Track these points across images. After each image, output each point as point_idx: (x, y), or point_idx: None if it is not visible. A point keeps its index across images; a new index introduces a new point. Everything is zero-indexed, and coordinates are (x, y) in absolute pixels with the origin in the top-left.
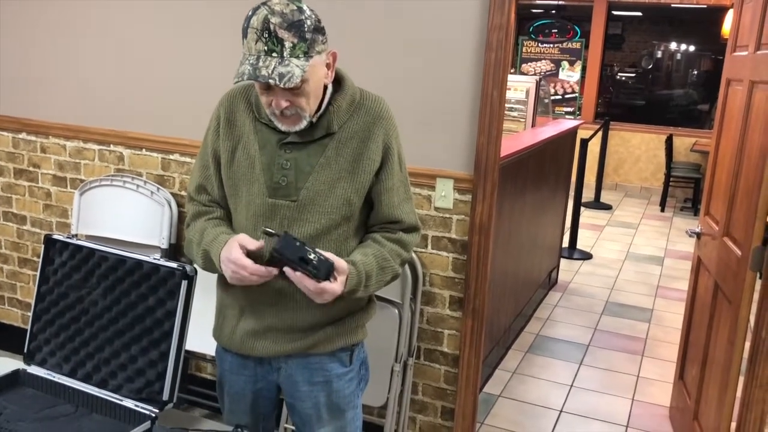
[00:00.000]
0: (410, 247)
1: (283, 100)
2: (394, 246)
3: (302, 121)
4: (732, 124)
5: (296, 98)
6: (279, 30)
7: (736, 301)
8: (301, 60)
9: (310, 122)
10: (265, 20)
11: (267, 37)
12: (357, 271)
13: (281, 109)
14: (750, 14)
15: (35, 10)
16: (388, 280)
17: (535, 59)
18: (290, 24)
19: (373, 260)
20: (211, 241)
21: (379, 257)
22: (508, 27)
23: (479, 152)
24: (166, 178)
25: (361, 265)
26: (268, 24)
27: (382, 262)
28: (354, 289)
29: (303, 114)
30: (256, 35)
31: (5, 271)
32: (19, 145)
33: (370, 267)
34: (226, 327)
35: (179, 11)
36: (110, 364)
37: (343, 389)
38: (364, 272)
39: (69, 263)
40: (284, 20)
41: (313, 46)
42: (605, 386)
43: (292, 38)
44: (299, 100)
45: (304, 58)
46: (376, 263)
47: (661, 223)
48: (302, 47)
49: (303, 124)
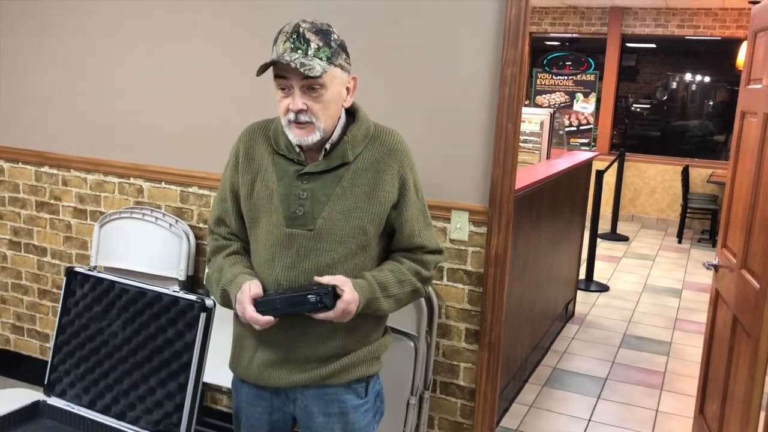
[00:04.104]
0: (431, 266)
1: (300, 101)
2: (413, 264)
3: (315, 132)
4: (747, 156)
5: (313, 103)
6: (307, 33)
7: (756, 334)
8: (324, 62)
9: (324, 149)
10: (296, 25)
11: (295, 38)
12: (367, 282)
13: (297, 111)
14: (763, 48)
15: (58, 46)
16: (408, 292)
17: (549, 91)
18: (318, 30)
19: (389, 274)
20: (229, 281)
21: (395, 272)
22: (521, 62)
23: (494, 184)
24: (184, 210)
25: (371, 277)
26: (298, 28)
27: (400, 275)
28: (372, 298)
29: (317, 124)
30: (285, 37)
31: (25, 302)
32: (41, 178)
33: (385, 278)
34: (243, 358)
35: (199, 47)
36: (129, 395)
37: (358, 421)
38: (376, 282)
39: (90, 295)
40: (313, 26)
41: (337, 57)
42: (624, 420)
43: (318, 41)
44: (316, 106)
45: (326, 61)
46: (392, 276)
47: (679, 254)
48: (326, 52)
49: (316, 137)
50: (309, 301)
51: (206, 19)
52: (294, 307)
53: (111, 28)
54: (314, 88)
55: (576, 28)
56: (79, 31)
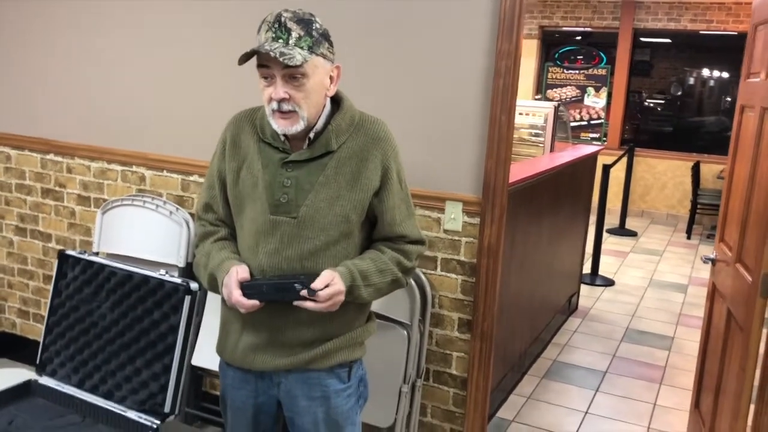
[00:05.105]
0: (412, 256)
1: (282, 90)
2: (394, 254)
3: (299, 121)
4: (745, 151)
5: (295, 92)
6: (288, 22)
7: (747, 327)
8: (305, 51)
9: (308, 138)
10: (278, 15)
11: (276, 27)
12: (348, 269)
13: (279, 99)
14: (762, 42)
15: (64, 38)
16: (389, 282)
17: (560, 85)
18: (299, 19)
19: (370, 263)
20: (217, 265)
21: (377, 261)
22: (516, 54)
23: (487, 175)
24: (185, 198)
25: (352, 265)
26: (280, 17)
27: (381, 265)
28: (353, 285)
29: (301, 113)
30: (267, 26)
31: (30, 287)
32: (47, 165)
33: (366, 267)
34: (229, 341)
35: (204, 37)
36: (116, 376)
37: (341, 405)
38: (357, 271)
39: (81, 278)
40: (295, 15)
41: (318, 46)
42: (620, 413)
43: (299, 30)
44: (298, 95)
45: (307, 51)
46: (373, 265)
47: (687, 250)
48: (307, 41)
49: (300, 126)
50: (294, 289)
51: (210, 9)
52: (279, 293)
53: (116, 19)
54: (296, 77)
55: (588, 22)
56: (84, 22)
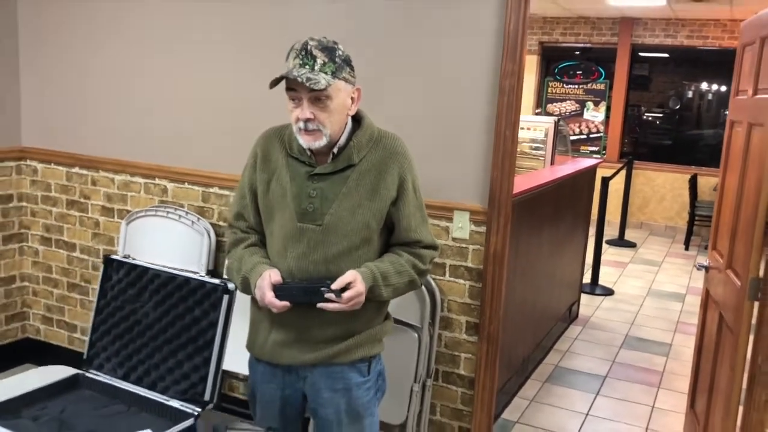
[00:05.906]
0: (426, 259)
1: (308, 111)
2: (410, 257)
3: (323, 138)
4: (735, 164)
5: (320, 112)
6: (314, 50)
7: (737, 329)
8: (328, 76)
9: (332, 153)
10: (305, 43)
11: (303, 55)
12: (370, 270)
13: (305, 119)
14: (749, 61)
15: (90, 54)
16: (406, 282)
17: (560, 100)
18: (324, 47)
19: (389, 265)
20: (249, 269)
21: (395, 263)
22: (519, 73)
23: (493, 186)
24: (205, 209)
25: (374, 266)
26: (306, 45)
27: (399, 267)
28: (374, 285)
29: (324, 131)
30: (295, 54)
31: (55, 295)
32: (72, 178)
33: (386, 268)
34: (259, 339)
35: (225, 57)
36: (159, 368)
37: (361, 397)
38: (378, 271)
39: (125, 280)
40: (320, 44)
41: (341, 71)
42: (620, 415)
43: (323, 57)
44: (322, 115)
45: (331, 75)
46: (392, 267)
47: (685, 261)
48: (331, 67)
49: (323, 141)
50: (321, 293)
51: (232, 31)
52: (307, 296)
53: (140, 35)
54: (320, 99)
55: (587, 38)
56: (109, 38)
